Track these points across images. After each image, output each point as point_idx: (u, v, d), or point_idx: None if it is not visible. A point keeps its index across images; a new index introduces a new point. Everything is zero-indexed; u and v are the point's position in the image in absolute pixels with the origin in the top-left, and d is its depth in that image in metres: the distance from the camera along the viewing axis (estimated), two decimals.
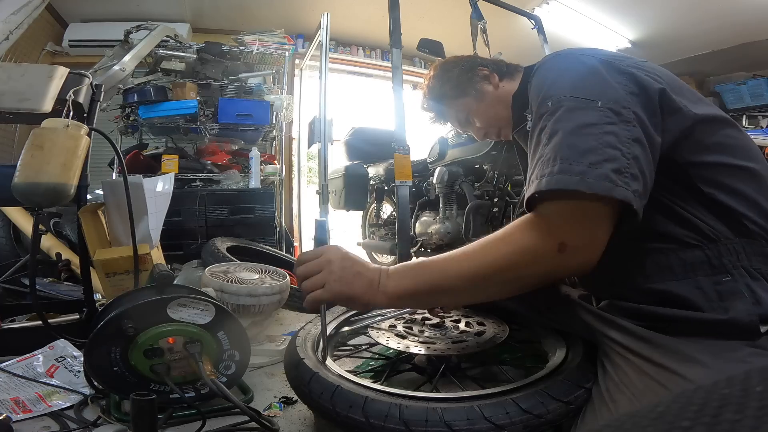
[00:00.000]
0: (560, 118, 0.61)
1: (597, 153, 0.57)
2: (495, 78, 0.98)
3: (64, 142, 0.84)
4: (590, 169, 0.56)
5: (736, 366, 0.54)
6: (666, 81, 0.65)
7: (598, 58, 0.67)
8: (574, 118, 0.60)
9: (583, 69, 0.66)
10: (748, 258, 0.60)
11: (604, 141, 0.57)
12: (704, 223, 0.61)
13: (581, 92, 0.62)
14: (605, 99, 0.60)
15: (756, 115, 3.44)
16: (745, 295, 0.58)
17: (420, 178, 2.59)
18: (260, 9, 3.55)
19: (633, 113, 0.60)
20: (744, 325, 0.56)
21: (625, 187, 0.55)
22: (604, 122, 0.59)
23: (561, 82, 0.65)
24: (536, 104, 0.67)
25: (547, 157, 0.60)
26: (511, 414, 0.60)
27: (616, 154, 0.56)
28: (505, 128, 0.98)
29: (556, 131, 0.61)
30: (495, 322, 0.94)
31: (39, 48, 3.17)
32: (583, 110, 0.60)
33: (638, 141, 0.58)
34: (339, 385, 0.67)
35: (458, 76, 1.00)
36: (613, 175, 0.55)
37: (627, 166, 0.56)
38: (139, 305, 0.75)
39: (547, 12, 3.42)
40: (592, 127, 0.59)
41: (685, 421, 0.15)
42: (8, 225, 1.94)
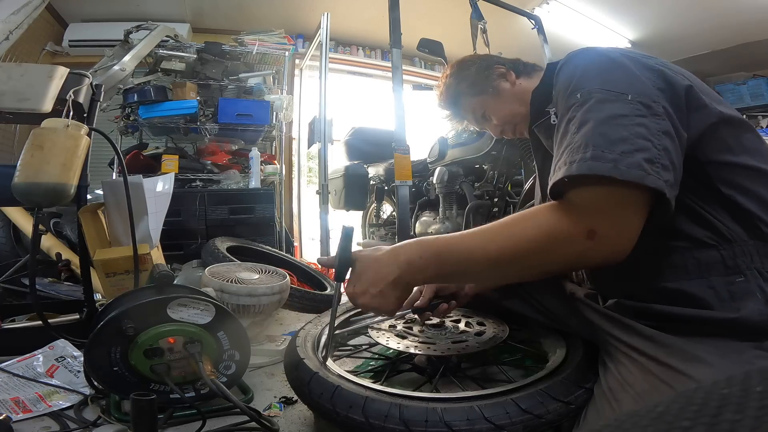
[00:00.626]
0: (591, 108, 0.61)
1: (629, 143, 0.57)
2: (512, 76, 0.99)
3: (64, 142, 0.84)
4: (622, 158, 0.56)
5: (743, 367, 0.53)
6: (692, 80, 0.65)
7: (626, 55, 0.67)
8: (606, 109, 0.60)
9: (611, 64, 0.66)
10: (761, 260, 0.60)
11: (636, 132, 0.57)
12: (722, 223, 0.62)
13: (611, 85, 0.62)
14: (635, 92, 0.61)
15: (756, 115, 3.45)
16: (757, 295, 0.58)
17: (420, 178, 2.60)
18: (260, 9, 3.56)
19: (662, 107, 0.60)
20: (754, 324, 0.56)
21: (657, 176, 0.55)
22: (635, 114, 0.59)
23: (590, 75, 0.66)
24: (564, 97, 0.67)
25: (578, 144, 0.60)
26: (511, 414, 0.60)
27: (647, 145, 0.57)
28: (520, 125, 0.99)
29: (587, 120, 0.61)
30: (495, 322, 0.94)
31: (39, 48, 3.17)
32: (614, 102, 0.60)
33: (668, 134, 0.59)
34: (339, 385, 0.67)
35: (475, 74, 1.02)
36: (645, 164, 0.55)
37: (658, 156, 0.56)
38: (139, 305, 0.75)
39: (547, 12, 3.43)
40: (623, 119, 0.59)
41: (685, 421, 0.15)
42: (8, 225, 1.94)
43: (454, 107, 1.08)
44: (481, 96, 1.01)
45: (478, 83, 1.01)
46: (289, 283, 1.22)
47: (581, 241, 0.58)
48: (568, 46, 0.96)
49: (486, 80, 1.00)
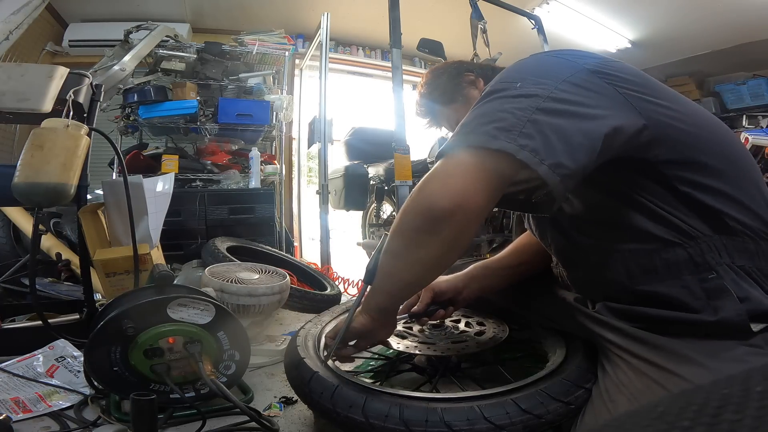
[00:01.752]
0: (479, 102, 0.65)
1: (488, 117, 0.59)
2: (481, 83, 1.02)
3: (64, 142, 0.84)
4: (474, 130, 0.59)
5: (734, 365, 0.54)
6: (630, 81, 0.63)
7: (556, 55, 0.68)
8: (484, 100, 0.63)
9: (528, 61, 0.68)
10: (730, 255, 0.60)
11: (501, 108, 0.60)
12: (682, 221, 0.61)
13: (506, 77, 0.65)
14: (527, 82, 0.62)
15: (756, 115, 3.44)
16: (732, 292, 0.58)
17: (420, 178, 2.59)
18: (260, 9, 3.56)
19: (552, 92, 0.59)
20: (735, 325, 0.56)
21: (508, 140, 0.56)
22: (509, 96, 0.61)
23: (500, 76, 0.67)
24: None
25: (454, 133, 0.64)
26: (511, 414, 0.60)
27: (505, 116, 0.58)
28: None
29: (473, 112, 0.64)
30: (495, 322, 0.94)
31: (39, 48, 3.17)
32: (498, 92, 0.63)
33: (544, 111, 0.58)
34: (339, 384, 0.67)
35: (446, 82, 1.05)
36: (495, 131, 0.57)
37: (517, 125, 0.57)
38: (139, 305, 0.75)
39: (547, 12, 3.42)
40: (495, 101, 0.61)
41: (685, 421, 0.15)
42: (8, 225, 1.94)
43: (430, 115, 1.11)
44: (452, 104, 1.04)
45: (448, 92, 1.04)
46: (289, 283, 1.22)
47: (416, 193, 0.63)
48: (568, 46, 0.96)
49: (456, 89, 1.03)
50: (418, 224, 0.63)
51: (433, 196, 0.61)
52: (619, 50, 3.80)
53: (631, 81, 0.63)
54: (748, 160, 0.67)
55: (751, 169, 0.66)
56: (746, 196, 0.62)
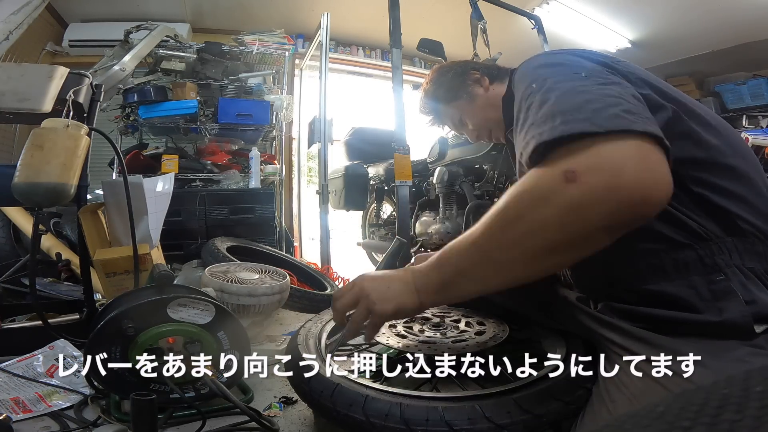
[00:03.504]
0: (549, 88, 0.58)
1: (599, 102, 0.52)
2: (486, 81, 1.01)
3: (64, 142, 0.84)
4: (596, 114, 0.50)
5: (735, 365, 0.53)
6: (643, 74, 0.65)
7: (572, 52, 0.68)
8: (564, 86, 0.57)
9: (562, 58, 0.67)
10: (740, 257, 0.60)
11: (603, 92, 0.54)
12: (695, 222, 0.61)
13: (565, 67, 0.63)
14: (588, 71, 0.60)
15: (756, 115, 3.44)
16: (738, 294, 0.57)
17: (420, 178, 2.59)
18: (260, 9, 3.56)
19: (619, 78, 0.60)
20: (738, 326, 0.56)
21: (645, 123, 0.50)
22: (597, 83, 0.57)
23: (541, 70, 0.65)
24: (519, 93, 0.65)
25: (543, 118, 0.54)
26: (512, 414, 0.60)
27: (618, 100, 0.52)
28: (495, 130, 1.02)
29: (547, 98, 0.56)
30: (495, 322, 0.94)
31: (39, 48, 3.17)
32: (571, 80, 0.58)
33: (635, 96, 0.56)
34: (339, 384, 0.67)
35: (451, 80, 1.05)
36: (623, 113, 0.50)
37: (636, 108, 0.52)
38: (139, 305, 0.75)
39: (547, 12, 3.42)
40: (585, 88, 0.55)
41: (685, 421, 0.15)
42: (8, 225, 1.94)
43: (434, 113, 1.11)
44: (456, 102, 1.04)
45: (453, 89, 1.04)
46: (289, 283, 1.22)
47: (561, 187, 0.48)
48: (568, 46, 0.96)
49: (461, 86, 1.03)
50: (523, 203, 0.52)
51: (641, 184, 0.47)
52: (619, 50, 3.80)
53: (646, 76, 0.64)
54: (755, 160, 0.67)
55: (758, 169, 0.66)
56: (756, 197, 0.62)
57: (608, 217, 0.49)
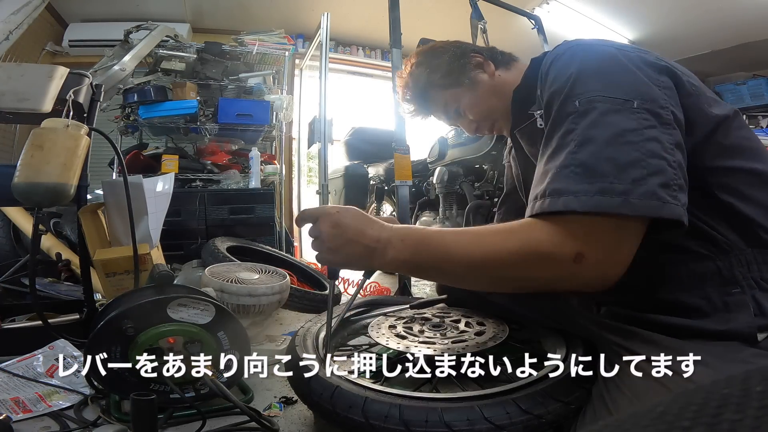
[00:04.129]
0: (594, 122, 0.55)
1: (641, 166, 0.51)
2: (490, 66, 0.88)
3: (64, 142, 0.84)
4: (634, 187, 0.50)
5: (739, 367, 0.53)
6: (691, 78, 0.62)
7: (623, 50, 0.61)
8: (611, 124, 0.54)
9: (611, 62, 0.60)
10: (759, 268, 0.59)
11: (648, 150, 0.52)
12: (719, 233, 0.60)
13: (613, 89, 0.56)
14: (641, 97, 0.55)
15: (756, 115, 3.44)
16: (750, 306, 0.57)
17: (420, 178, 2.60)
18: (260, 9, 3.55)
19: (671, 112, 0.55)
20: (743, 335, 0.57)
21: (674, 202, 0.50)
22: (644, 126, 0.53)
23: (587, 77, 0.58)
24: (558, 101, 0.60)
25: (580, 168, 0.53)
26: (511, 414, 0.60)
27: (661, 165, 0.51)
28: (499, 122, 0.90)
29: (590, 138, 0.54)
30: (495, 322, 0.94)
31: (39, 48, 3.17)
32: (619, 113, 0.54)
33: (680, 146, 0.53)
34: (339, 385, 0.67)
35: (449, 63, 0.89)
36: (660, 191, 0.50)
37: (674, 176, 0.51)
38: (139, 305, 0.75)
39: (547, 12, 3.42)
40: (632, 134, 0.53)
41: (685, 421, 0.15)
42: (8, 225, 1.94)
43: (422, 101, 0.95)
44: (455, 88, 0.89)
45: (452, 74, 0.89)
46: (289, 283, 1.22)
47: (567, 263, 0.53)
48: None
49: (461, 70, 0.88)
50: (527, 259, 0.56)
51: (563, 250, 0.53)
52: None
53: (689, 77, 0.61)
54: None
55: None
56: None
57: (579, 288, 0.59)
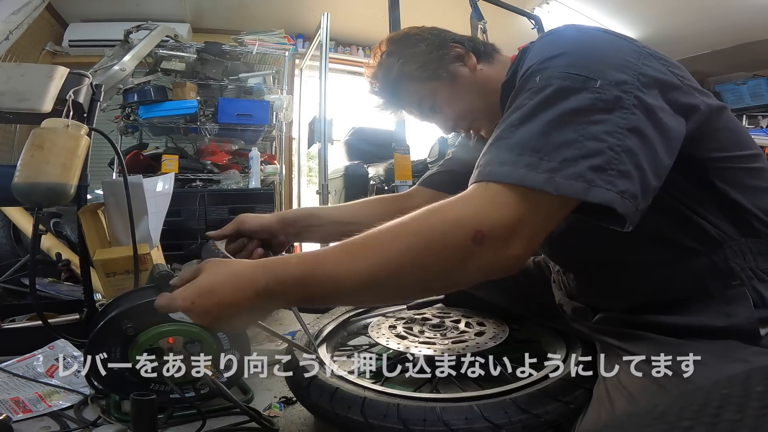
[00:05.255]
0: (543, 100, 0.51)
1: (575, 146, 0.48)
2: (472, 59, 0.80)
3: (64, 142, 0.84)
4: (562, 166, 0.47)
5: (738, 366, 0.53)
6: (680, 71, 0.60)
7: (612, 33, 0.59)
8: (560, 105, 0.50)
9: (587, 41, 0.57)
10: (754, 258, 0.59)
11: (589, 132, 0.48)
12: (712, 225, 0.59)
13: (579, 67, 0.52)
14: (606, 77, 0.51)
15: (756, 115, 3.44)
16: (749, 298, 0.57)
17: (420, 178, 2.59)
18: (260, 9, 3.55)
19: (635, 98, 0.51)
20: (744, 331, 0.56)
21: (607, 186, 0.47)
22: (597, 109, 0.49)
23: (558, 52, 0.55)
24: (524, 78, 0.56)
25: (514, 142, 0.50)
26: (510, 414, 0.60)
27: (600, 147, 0.48)
28: (478, 121, 0.82)
29: (534, 115, 0.51)
30: (495, 322, 0.94)
31: (39, 48, 3.17)
32: (575, 93, 0.50)
33: (636, 131, 0.49)
34: (338, 386, 0.67)
35: (425, 53, 0.80)
36: (590, 173, 0.47)
37: (614, 160, 0.48)
38: (139, 305, 0.75)
39: (547, 12, 3.42)
40: (578, 115, 0.49)
41: (685, 421, 0.15)
42: (8, 225, 1.94)
43: (392, 94, 0.85)
44: (432, 82, 0.80)
45: (429, 65, 0.79)
46: None
47: (464, 247, 0.47)
48: None
49: (439, 62, 0.79)
50: (422, 254, 0.48)
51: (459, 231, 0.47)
52: None
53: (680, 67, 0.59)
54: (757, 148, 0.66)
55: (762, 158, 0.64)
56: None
57: (484, 276, 0.50)
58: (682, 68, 0.60)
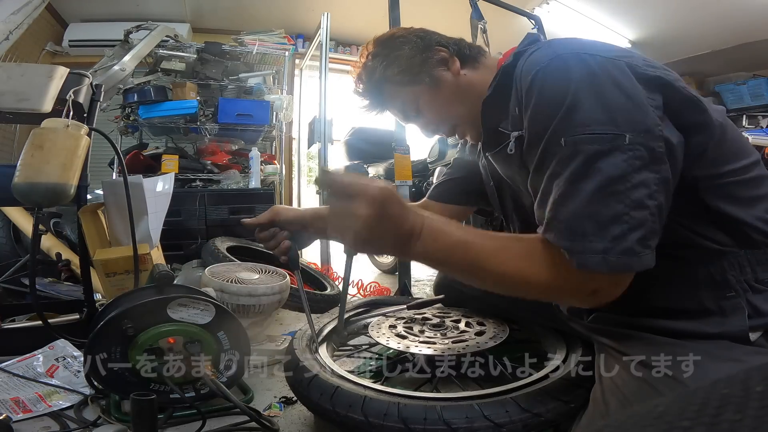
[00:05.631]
0: (579, 171, 0.53)
1: (623, 221, 0.52)
2: (456, 63, 0.78)
3: (64, 142, 0.84)
4: (613, 245, 0.52)
5: (731, 365, 0.53)
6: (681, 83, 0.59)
7: (615, 61, 0.56)
8: (597, 173, 0.52)
9: (603, 83, 0.54)
10: (752, 269, 0.59)
11: (632, 200, 0.52)
12: (709, 240, 0.60)
13: (603, 123, 0.52)
14: (634, 130, 0.52)
15: (756, 115, 3.44)
16: (744, 310, 0.57)
17: (420, 178, 2.59)
18: (260, 9, 3.55)
19: (663, 140, 0.53)
20: (735, 337, 0.57)
21: (647, 252, 0.53)
22: (633, 169, 0.52)
23: (575, 105, 0.54)
24: (543, 131, 0.57)
25: (563, 225, 0.55)
26: (511, 413, 0.60)
27: (644, 217, 0.52)
28: (461, 126, 0.82)
29: (573, 192, 0.53)
30: (495, 322, 0.94)
31: (39, 48, 3.17)
32: (608, 156, 0.52)
33: (666, 182, 0.53)
34: (338, 386, 0.67)
35: (409, 57, 0.79)
36: (637, 246, 0.52)
37: (653, 227, 0.53)
38: (139, 305, 0.75)
39: (547, 12, 3.42)
40: (618, 183, 0.52)
41: (685, 421, 0.15)
42: (8, 225, 1.94)
43: (376, 96, 0.85)
44: (413, 86, 0.79)
45: (411, 69, 0.78)
46: (289, 283, 1.22)
47: (585, 298, 0.59)
48: None
49: (422, 66, 0.78)
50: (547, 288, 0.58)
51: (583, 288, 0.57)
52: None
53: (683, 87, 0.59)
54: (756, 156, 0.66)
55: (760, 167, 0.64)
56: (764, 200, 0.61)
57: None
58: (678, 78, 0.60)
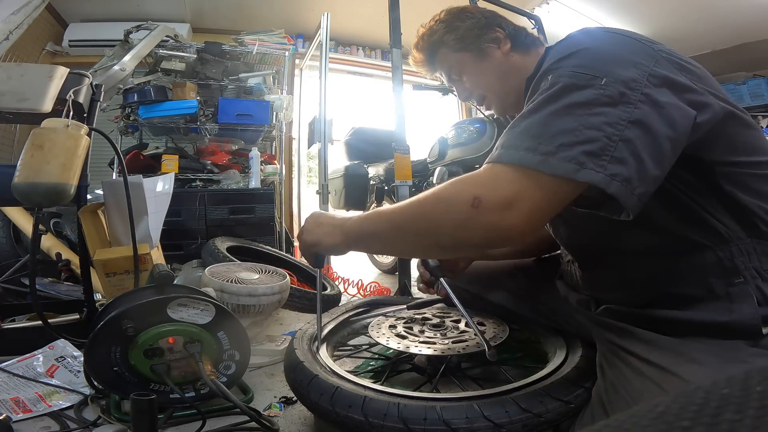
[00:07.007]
0: (550, 95, 0.56)
1: (572, 134, 0.52)
2: (507, 45, 0.85)
3: (64, 142, 0.84)
4: (558, 150, 0.52)
5: (736, 366, 0.53)
6: (698, 73, 0.61)
7: (629, 36, 0.61)
8: (565, 98, 0.55)
9: (599, 43, 0.60)
10: (759, 258, 0.59)
11: (588, 122, 0.52)
12: (720, 222, 0.60)
13: (587, 66, 0.56)
14: (612, 76, 0.54)
15: (756, 115, 3.44)
16: (753, 297, 0.57)
17: (420, 178, 2.59)
18: (260, 9, 3.55)
19: (643, 94, 0.53)
20: (746, 327, 0.56)
21: (597, 169, 0.51)
22: (599, 103, 0.53)
23: (568, 56, 0.59)
24: (538, 78, 0.62)
25: (518, 130, 0.57)
26: (511, 413, 0.60)
27: (596, 135, 0.52)
28: (490, 99, 0.89)
29: (540, 108, 0.56)
30: (495, 322, 0.94)
31: (39, 48, 3.17)
32: (580, 89, 0.54)
33: (638, 123, 0.52)
34: (338, 386, 0.67)
35: (468, 29, 0.88)
36: (583, 157, 0.51)
37: (609, 147, 0.51)
38: (139, 305, 0.75)
39: (547, 12, 3.42)
40: (579, 108, 0.53)
41: (684, 421, 0.15)
42: (8, 225, 1.94)
43: (431, 56, 0.93)
44: (463, 53, 0.87)
45: (465, 39, 0.87)
46: (289, 283, 1.22)
47: (465, 207, 0.55)
48: None
49: (476, 39, 0.86)
50: (432, 208, 0.59)
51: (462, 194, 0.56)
52: None
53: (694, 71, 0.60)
54: None
55: None
56: None
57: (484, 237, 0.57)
58: (701, 69, 0.61)
